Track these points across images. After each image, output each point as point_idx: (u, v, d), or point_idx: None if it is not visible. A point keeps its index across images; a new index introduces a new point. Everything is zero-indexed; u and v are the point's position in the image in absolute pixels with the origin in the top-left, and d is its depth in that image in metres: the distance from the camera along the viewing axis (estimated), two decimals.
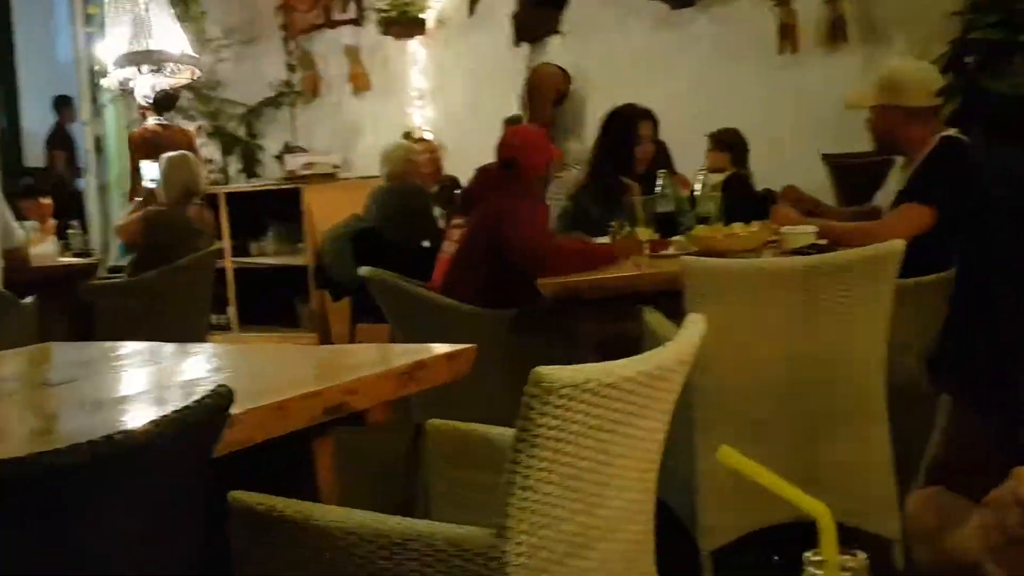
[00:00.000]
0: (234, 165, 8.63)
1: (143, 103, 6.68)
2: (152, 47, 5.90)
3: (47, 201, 6.59)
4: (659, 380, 1.62)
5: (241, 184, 8.16)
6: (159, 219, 5.44)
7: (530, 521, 1.47)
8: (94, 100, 8.67)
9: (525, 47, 7.45)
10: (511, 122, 6.29)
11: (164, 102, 6.71)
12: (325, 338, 7.18)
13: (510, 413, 2.17)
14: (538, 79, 6.80)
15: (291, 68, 8.39)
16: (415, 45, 7.89)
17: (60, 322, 5.38)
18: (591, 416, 1.51)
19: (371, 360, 2.06)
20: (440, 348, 2.06)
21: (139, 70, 6.01)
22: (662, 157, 4.46)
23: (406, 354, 2.02)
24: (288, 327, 7.64)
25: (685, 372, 1.72)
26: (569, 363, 1.52)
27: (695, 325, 1.75)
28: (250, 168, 8.54)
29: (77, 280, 5.55)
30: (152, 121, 7.06)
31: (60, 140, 10.01)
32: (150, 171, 6.46)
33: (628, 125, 4.39)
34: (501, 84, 7.33)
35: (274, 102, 8.47)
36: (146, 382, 2.11)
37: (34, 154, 9.95)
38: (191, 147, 6.09)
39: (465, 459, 2.07)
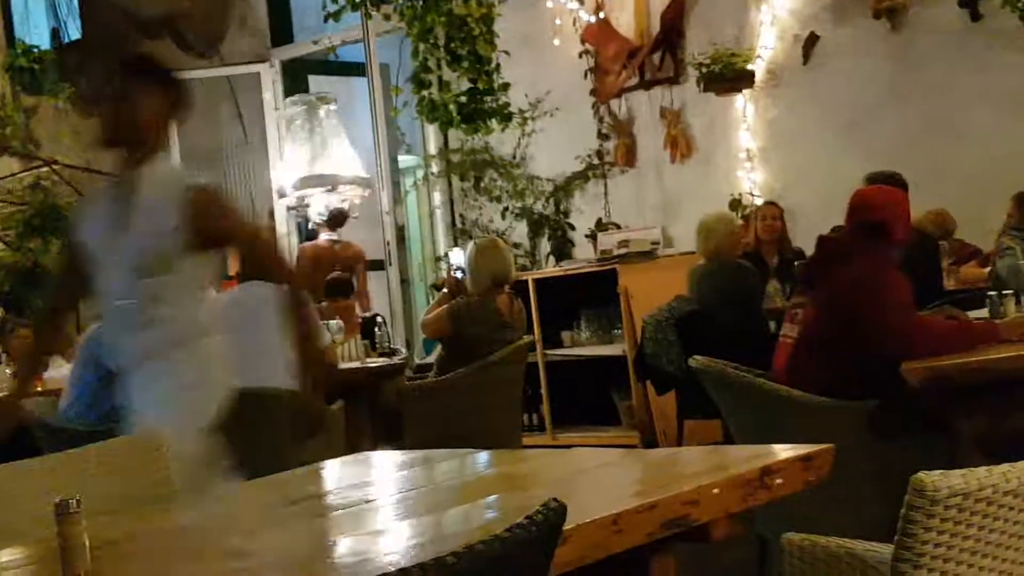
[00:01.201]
0: (543, 247, 8.88)
1: (317, 220, 7.90)
2: (325, 171, 7.13)
3: (351, 303, 7.05)
4: None
5: (551, 268, 8.37)
6: (467, 312, 5.65)
7: None
8: (396, 186, 9.22)
9: (876, 92, 7.29)
10: (873, 180, 6.10)
11: (336, 219, 7.73)
12: (649, 437, 7.20)
13: (876, 524, 2.08)
14: None
15: (603, 136, 8.58)
16: (741, 101, 7.89)
17: (368, 426, 5.69)
18: (987, 530, 1.43)
19: (712, 465, 2.03)
20: (792, 449, 2.01)
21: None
22: None
23: (753, 457, 1.99)
24: (606, 425, 7.73)
25: None
26: (948, 465, 1.45)
27: None
28: (560, 250, 8.75)
29: (384, 382, 5.86)
30: (324, 237, 8.16)
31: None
32: (456, 260, 6.92)
33: None
34: (847, 138, 7.22)
35: (584, 175, 8.67)
36: (462, 495, 2.18)
37: None
38: (359, 262, 6.66)
39: None
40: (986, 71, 6.85)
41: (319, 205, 7.97)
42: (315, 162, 7.74)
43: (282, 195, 8.13)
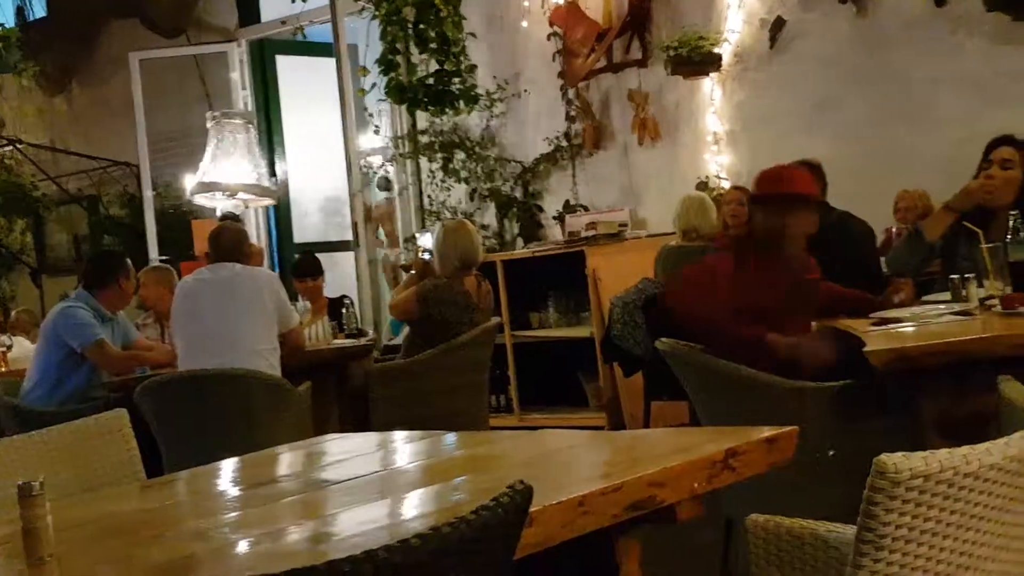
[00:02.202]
0: (511, 229, 8.88)
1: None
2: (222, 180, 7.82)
3: (319, 283, 7.01)
4: None
5: (519, 250, 8.37)
6: (435, 293, 5.64)
7: None
8: (361, 171, 9.19)
9: (841, 76, 7.32)
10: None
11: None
12: (615, 419, 7.22)
13: (839, 506, 2.09)
14: None
15: (571, 119, 8.57)
16: (708, 84, 7.91)
17: (335, 407, 5.68)
18: (948, 512, 1.44)
19: (677, 447, 2.04)
20: (758, 431, 2.02)
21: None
22: None
23: (718, 439, 1.99)
24: (573, 407, 7.74)
25: None
26: (909, 447, 1.45)
27: None
28: (528, 232, 8.75)
29: (351, 363, 5.84)
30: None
31: None
32: (425, 242, 6.93)
33: (984, 153, 4.20)
34: (813, 121, 7.26)
35: (552, 158, 8.67)
36: (429, 477, 2.18)
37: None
38: (257, 259, 6.86)
39: (792, 560, 2.00)
40: (950, 55, 6.89)
41: (221, 208, 8.29)
42: (222, 169, 8.00)
43: (205, 190, 8.23)
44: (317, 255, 7.54)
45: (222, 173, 7.88)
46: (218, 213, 8.30)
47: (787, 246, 3.92)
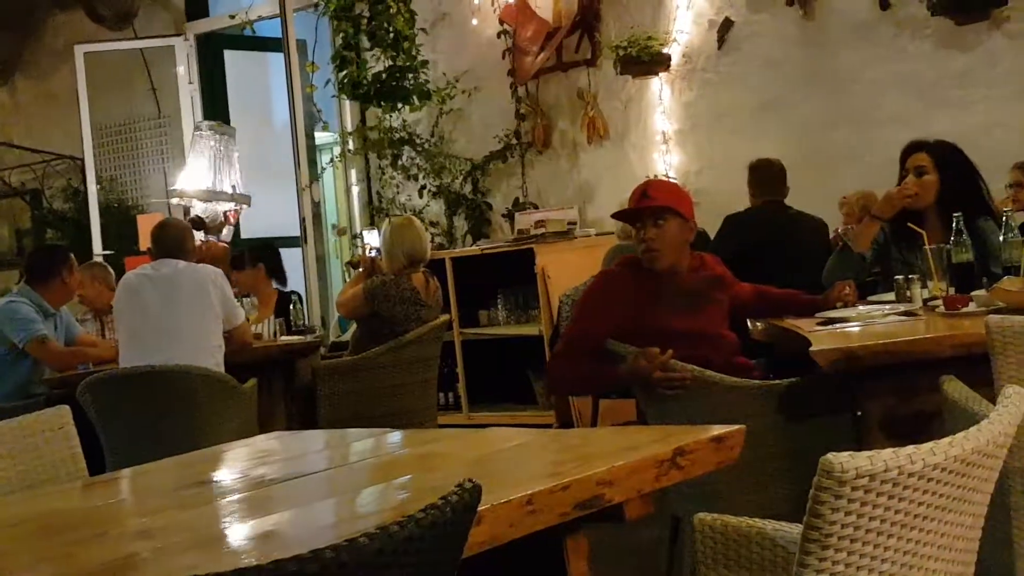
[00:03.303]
0: (460, 226, 8.87)
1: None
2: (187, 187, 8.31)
3: (253, 273, 6.90)
4: (974, 467, 1.54)
5: (468, 247, 8.36)
6: (382, 290, 5.62)
7: None
8: (312, 163, 9.13)
9: (789, 77, 7.38)
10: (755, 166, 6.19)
11: (196, 224, 8.30)
12: (564, 417, 7.23)
13: (785, 505, 2.11)
14: None
15: (520, 117, 8.57)
16: (657, 84, 7.94)
17: (281, 405, 5.64)
18: (893, 511, 1.45)
19: (625, 445, 2.04)
20: (705, 430, 2.02)
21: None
22: (962, 195, 4.22)
23: (666, 438, 2.00)
24: (523, 405, 7.75)
25: (1003, 456, 1.62)
26: (855, 447, 1.47)
27: (1015, 399, 1.66)
28: (477, 229, 8.75)
29: (298, 360, 5.81)
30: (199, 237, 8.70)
31: None
32: (372, 239, 6.92)
33: (900, 160, 4.29)
34: (761, 122, 7.31)
35: (502, 155, 8.67)
36: (376, 475, 2.17)
37: None
38: (221, 260, 7.05)
39: (739, 559, 2.01)
40: (895, 58, 6.97)
41: (197, 211, 8.51)
42: (204, 175, 8.41)
43: (173, 197, 8.67)
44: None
45: (201, 181, 8.26)
46: (190, 215, 8.47)
47: (660, 260, 3.81)
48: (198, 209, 8.45)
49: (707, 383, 3.53)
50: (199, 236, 8.73)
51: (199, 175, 8.32)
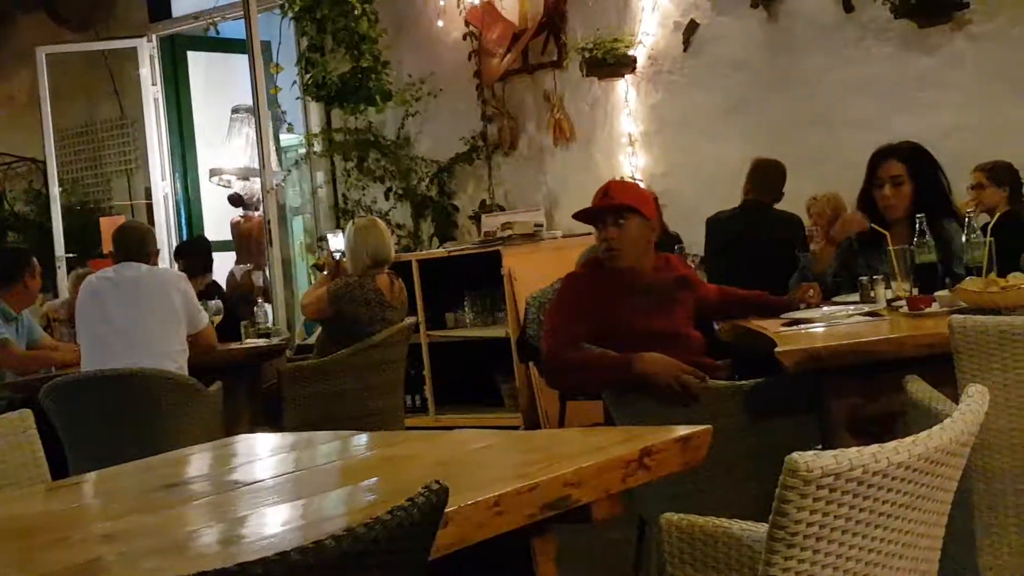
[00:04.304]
0: (426, 229, 8.85)
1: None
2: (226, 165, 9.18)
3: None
4: (938, 465, 1.55)
5: (434, 250, 8.35)
6: (347, 292, 5.60)
7: None
8: (280, 165, 9.11)
9: (754, 79, 7.42)
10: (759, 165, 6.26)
11: (235, 201, 9.19)
12: (532, 419, 7.23)
13: (752, 505, 2.11)
14: None
15: (486, 119, 8.57)
16: (623, 86, 7.95)
17: (247, 408, 5.62)
18: (858, 509, 1.46)
19: (592, 446, 2.04)
20: (671, 430, 2.03)
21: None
22: (927, 199, 4.25)
23: (633, 439, 2.00)
24: (490, 407, 7.74)
25: (966, 454, 1.64)
26: (822, 446, 1.48)
27: (977, 398, 1.67)
28: (444, 232, 8.74)
29: (263, 363, 5.78)
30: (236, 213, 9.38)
31: None
32: (336, 242, 6.91)
33: (870, 167, 4.31)
34: (727, 124, 7.35)
35: (468, 157, 8.66)
36: (342, 478, 2.16)
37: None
38: (259, 231, 7.49)
39: (706, 559, 2.02)
40: (859, 61, 7.02)
41: (236, 188, 9.27)
42: (241, 155, 9.13)
43: (214, 175, 9.36)
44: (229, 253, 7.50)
45: (239, 159, 9.14)
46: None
47: (621, 259, 3.82)
48: (236, 187, 9.03)
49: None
50: (238, 211, 9.43)
51: (237, 154, 8.93)
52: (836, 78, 7.09)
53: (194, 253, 7.59)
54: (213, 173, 9.21)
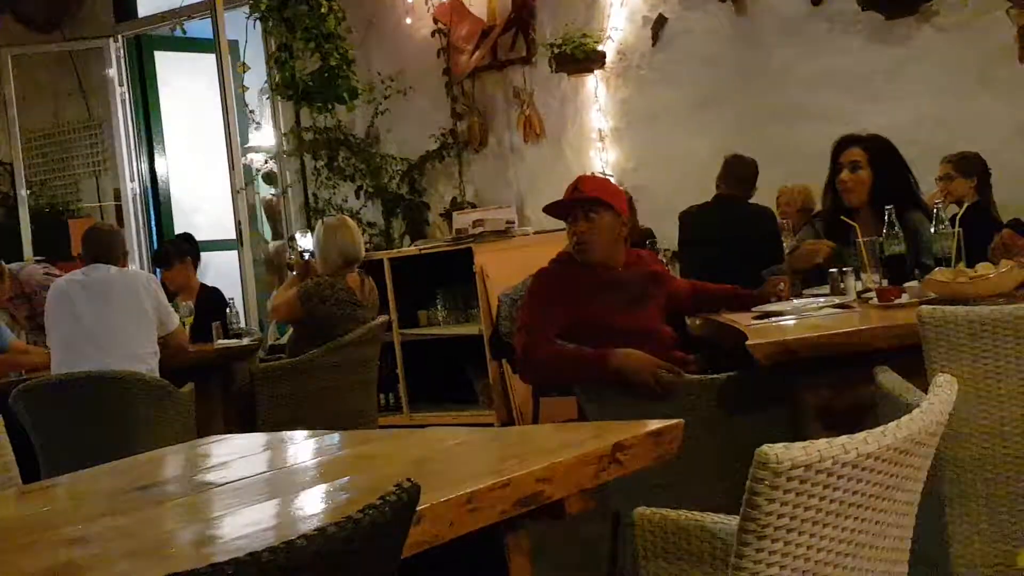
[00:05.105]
0: (398, 227, 8.84)
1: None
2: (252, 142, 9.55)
3: (179, 269, 6.85)
4: (907, 455, 1.56)
5: (406, 248, 8.34)
6: (317, 292, 5.59)
7: None
8: (246, 167, 9.08)
9: (723, 73, 7.44)
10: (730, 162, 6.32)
11: (269, 179, 9.55)
12: (506, 415, 7.24)
13: (723, 497, 2.12)
14: None
15: (456, 116, 8.56)
16: (593, 81, 7.96)
17: (219, 409, 5.60)
18: (828, 500, 1.47)
19: (564, 442, 2.05)
20: (643, 425, 2.04)
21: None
22: (894, 189, 4.28)
23: (605, 434, 2.01)
24: (463, 404, 7.74)
25: (935, 444, 1.65)
26: (793, 438, 1.48)
27: (945, 388, 1.69)
28: (415, 229, 8.72)
29: (236, 363, 5.76)
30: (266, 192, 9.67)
31: None
32: (305, 242, 6.88)
33: (833, 155, 4.36)
34: (697, 118, 7.37)
35: (439, 155, 8.65)
36: (315, 477, 2.16)
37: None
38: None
39: (679, 552, 2.03)
40: (827, 53, 7.05)
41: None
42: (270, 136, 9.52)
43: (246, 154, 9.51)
44: (202, 253, 7.43)
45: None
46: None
47: (591, 252, 3.84)
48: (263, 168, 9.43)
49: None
50: (269, 190, 9.71)
51: (268, 136, 9.45)
52: (804, 71, 7.12)
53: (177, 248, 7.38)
54: (246, 152, 9.50)
